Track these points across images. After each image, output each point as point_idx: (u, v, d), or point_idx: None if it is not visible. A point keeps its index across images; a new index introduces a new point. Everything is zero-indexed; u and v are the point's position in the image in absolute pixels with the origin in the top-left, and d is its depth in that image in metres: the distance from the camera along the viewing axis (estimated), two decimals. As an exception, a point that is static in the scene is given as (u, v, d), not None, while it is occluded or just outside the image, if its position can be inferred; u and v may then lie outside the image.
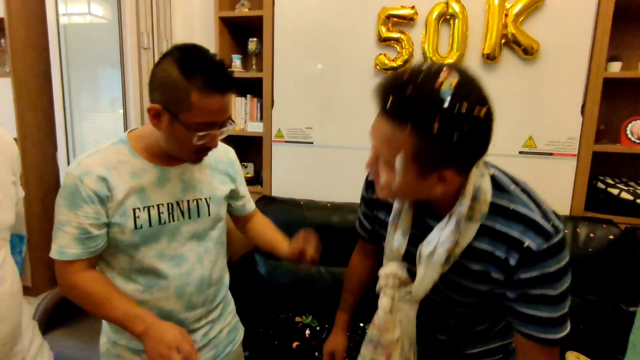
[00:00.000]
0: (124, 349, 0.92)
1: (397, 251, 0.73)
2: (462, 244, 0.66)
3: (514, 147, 1.73)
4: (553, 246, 0.63)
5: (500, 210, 0.65)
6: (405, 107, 0.57)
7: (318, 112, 1.96)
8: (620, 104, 1.78)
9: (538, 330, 0.66)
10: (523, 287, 0.65)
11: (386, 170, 0.62)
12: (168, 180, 0.89)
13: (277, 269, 1.88)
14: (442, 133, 0.55)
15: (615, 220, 1.62)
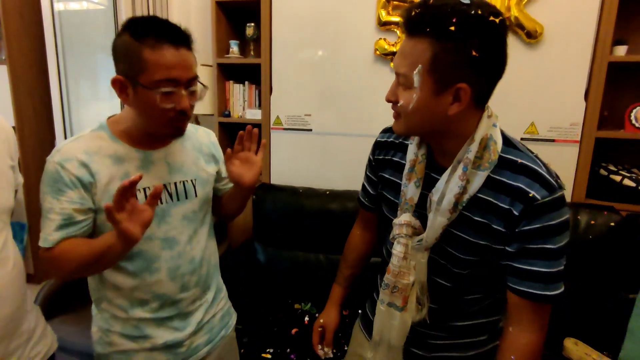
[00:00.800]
0: (117, 335, 0.93)
1: (410, 200, 0.75)
2: (469, 192, 0.67)
3: (516, 133, 1.71)
4: (557, 199, 0.64)
5: (509, 163, 0.67)
6: (424, 17, 0.60)
7: (317, 98, 1.93)
8: (625, 89, 1.74)
9: (534, 287, 0.67)
10: (524, 240, 0.66)
11: (405, 91, 0.65)
12: (152, 164, 0.89)
13: (276, 256, 1.89)
14: (458, 37, 0.58)
15: (617, 207, 1.60)
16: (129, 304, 0.91)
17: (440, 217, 0.70)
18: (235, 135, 2.50)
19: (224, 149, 2.51)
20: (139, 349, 0.93)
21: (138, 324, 0.92)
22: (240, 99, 2.11)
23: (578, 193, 1.68)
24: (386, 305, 0.79)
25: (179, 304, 0.94)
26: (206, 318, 1.02)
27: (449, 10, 0.59)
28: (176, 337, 0.95)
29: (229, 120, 2.11)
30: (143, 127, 0.86)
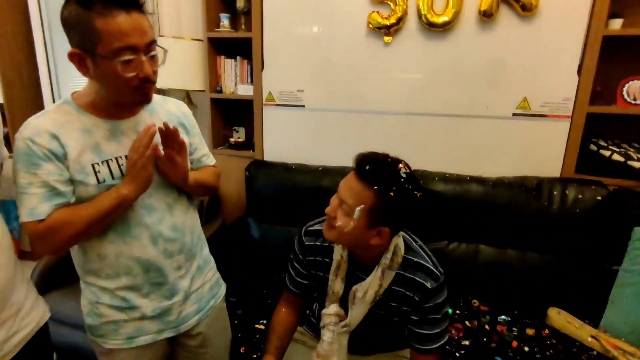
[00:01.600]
0: (105, 307, 0.94)
1: (337, 294, 0.97)
2: (384, 286, 0.93)
3: (508, 108, 1.71)
4: (440, 284, 0.94)
5: (409, 262, 0.94)
6: (374, 176, 0.82)
7: (309, 74, 1.91)
8: (619, 63, 1.73)
9: (428, 344, 0.96)
10: (424, 313, 0.94)
11: (345, 216, 0.86)
12: (122, 134, 0.90)
13: (269, 232, 1.91)
14: (395, 199, 0.82)
15: (605, 182, 1.62)
16: (115, 273, 0.92)
17: (363, 307, 0.94)
18: (228, 112, 2.47)
19: (218, 126, 2.50)
20: (128, 319, 0.95)
21: (125, 295, 0.94)
22: (231, 74, 2.08)
23: (567, 168, 1.69)
24: None
25: (164, 271, 0.96)
26: (194, 287, 1.04)
27: (392, 178, 0.82)
28: (164, 306, 0.97)
29: (221, 96, 2.08)
30: (108, 98, 0.86)
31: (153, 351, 1.01)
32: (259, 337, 1.45)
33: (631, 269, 1.44)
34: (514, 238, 1.65)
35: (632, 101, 1.62)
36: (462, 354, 1.37)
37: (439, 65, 1.74)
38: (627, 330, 1.40)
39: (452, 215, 1.69)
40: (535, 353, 1.38)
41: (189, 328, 1.04)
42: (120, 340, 0.96)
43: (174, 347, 1.09)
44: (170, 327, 1.01)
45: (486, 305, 1.64)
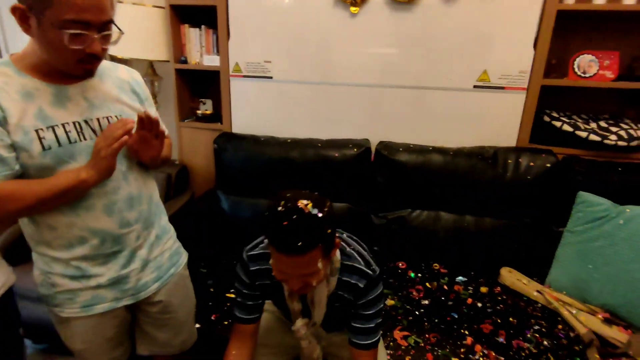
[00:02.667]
0: (59, 276, 0.94)
1: (298, 311, 1.06)
2: (331, 289, 1.01)
3: (469, 81, 1.77)
4: (372, 282, 1.00)
5: (345, 267, 1.01)
6: (310, 239, 0.82)
7: (276, 44, 1.89)
8: (573, 38, 1.82)
9: (363, 338, 1.02)
10: (358, 309, 1.02)
11: (314, 277, 0.88)
12: (68, 99, 0.87)
13: (239, 204, 1.93)
14: (330, 233, 0.87)
15: (556, 150, 1.74)
16: (68, 244, 0.91)
17: (321, 309, 1.04)
18: (194, 83, 2.41)
19: (185, 98, 2.44)
20: (83, 288, 0.95)
21: (80, 264, 0.93)
22: (197, 44, 2.02)
23: (522, 138, 1.79)
24: None
25: (122, 240, 0.96)
26: (152, 255, 1.05)
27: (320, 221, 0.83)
28: (120, 274, 0.98)
29: (186, 67, 2.03)
30: (48, 61, 0.83)
31: (112, 318, 1.02)
32: (229, 305, 1.49)
33: (574, 229, 1.57)
34: (472, 205, 1.75)
35: (582, 74, 1.72)
36: (421, 312, 1.48)
37: (404, 38, 1.77)
38: (567, 285, 1.54)
39: (415, 184, 1.76)
40: (487, 308, 1.50)
41: (149, 295, 1.05)
42: (76, 308, 0.96)
43: (135, 314, 1.11)
44: (129, 294, 1.01)
45: (445, 268, 1.75)
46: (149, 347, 1.15)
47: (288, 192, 0.86)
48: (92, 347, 1.02)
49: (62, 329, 1.01)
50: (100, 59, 0.86)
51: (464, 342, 1.32)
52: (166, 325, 1.13)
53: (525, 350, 1.30)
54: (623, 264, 1.41)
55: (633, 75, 1.76)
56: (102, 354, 1.05)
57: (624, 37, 1.78)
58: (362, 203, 1.86)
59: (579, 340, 1.35)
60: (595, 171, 1.63)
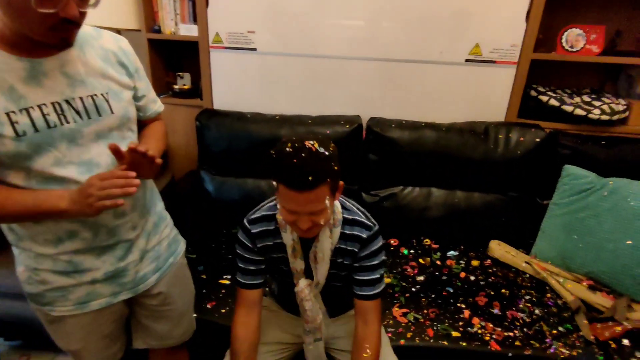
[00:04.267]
0: (47, 272, 0.85)
1: (300, 271, 1.05)
2: (334, 243, 1.02)
3: (461, 54, 1.74)
4: (374, 234, 1.03)
5: (347, 220, 1.03)
6: (320, 175, 0.83)
7: (261, 13, 1.75)
8: (562, 11, 1.82)
9: (371, 289, 1.04)
10: (361, 261, 1.03)
11: (322, 215, 0.89)
12: (44, 75, 0.75)
13: (224, 184, 1.84)
14: (337, 169, 0.88)
15: (543, 125, 1.76)
16: (56, 238, 0.82)
17: (324, 265, 1.03)
18: (170, 55, 2.22)
19: (159, 72, 2.25)
20: (77, 284, 0.87)
21: (71, 259, 0.85)
22: (170, 11, 1.85)
23: (511, 113, 1.80)
24: (313, 342, 1.11)
25: (117, 231, 0.88)
26: (150, 245, 0.98)
27: (328, 158, 0.85)
28: (117, 267, 0.90)
29: (160, 37, 1.86)
30: (16, 30, 0.70)
31: (109, 315, 0.95)
32: (225, 292, 1.44)
33: (560, 202, 1.63)
34: (462, 180, 1.76)
35: (570, 48, 1.73)
36: (417, 288, 1.49)
37: (397, 8, 1.69)
38: (553, 255, 1.61)
39: (407, 161, 1.74)
40: (480, 281, 1.54)
41: (148, 288, 0.98)
42: (69, 306, 0.88)
43: (133, 308, 1.04)
44: (127, 288, 0.94)
45: (437, 243, 1.77)
46: (147, 340, 1.09)
47: (292, 136, 0.89)
48: (88, 346, 0.95)
49: (53, 330, 0.93)
50: (78, 25, 0.74)
51: (461, 316, 1.35)
52: (165, 317, 1.07)
53: (520, 319, 1.35)
54: (606, 233, 1.48)
55: (615, 49, 1.80)
56: (98, 352, 0.97)
57: (608, 10, 1.80)
58: (354, 181, 1.83)
59: (567, 307, 1.42)
60: (581, 145, 1.67)
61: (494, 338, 1.26)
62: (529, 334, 1.29)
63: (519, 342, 1.26)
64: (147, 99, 0.99)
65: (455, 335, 1.28)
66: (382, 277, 1.07)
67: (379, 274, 1.05)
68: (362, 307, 1.04)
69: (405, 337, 1.27)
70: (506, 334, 1.28)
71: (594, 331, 1.29)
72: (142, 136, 0.99)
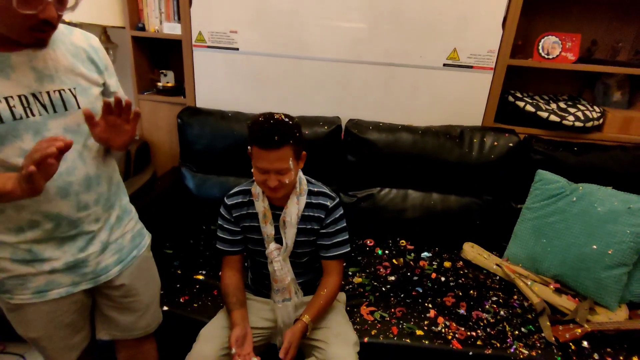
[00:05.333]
0: (7, 261, 0.87)
1: (270, 235, 1.19)
2: (301, 209, 1.18)
3: (439, 59, 1.77)
4: (337, 203, 1.22)
5: (312, 192, 1.21)
6: (285, 136, 1.03)
7: (243, 13, 1.78)
8: (539, 19, 1.85)
9: (336, 250, 1.22)
10: (328, 226, 1.21)
11: (287, 175, 1.07)
12: (11, 69, 0.78)
13: (205, 182, 1.87)
14: (299, 138, 1.09)
15: (518, 130, 1.80)
16: (16, 227, 0.85)
17: (292, 229, 1.18)
18: (153, 53, 2.25)
19: (143, 69, 2.27)
20: (36, 273, 0.89)
21: (31, 248, 0.87)
22: (155, 9, 1.87)
23: (488, 117, 1.83)
24: (282, 302, 1.21)
25: (79, 223, 0.91)
26: (113, 238, 1.00)
27: (291, 126, 1.06)
28: (77, 258, 0.93)
29: (144, 34, 1.88)
30: None
31: (69, 304, 0.97)
32: (198, 287, 1.47)
33: (532, 206, 1.66)
34: (439, 182, 1.79)
35: (546, 55, 1.76)
36: (387, 288, 1.52)
37: (377, 12, 1.72)
38: (524, 258, 1.64)
39: (384, 163, 1.77)
40: (450, 281, 1.57)
41: (110, 279, 1.01)
42: (28, 294, 0.90)
43: (96, 298, 1.06)
44: (88, 278, 0.97)
45: (412, 244, 1.81)
46: (111, 331, 1.11)
47: (265, 113, 1.09)
48: (48, 335, 0.97)
49: (13, 317, 0.95)
50: (54, 27, 0.77)
51: (427, 315, 1.39)
52: (129, 309, 1.09)
53: (484, 320, 1.38)
54: (573, 238, 1.51)
55: (591, 58, 1.83)
56: (59, 341, 1.00)
57: (585, 20, 1.83)
58: (332, 181, 1.85)
59: (532, 309, 1.45)
60: (553, 150, 1.71)
61: (456, 337, 1.30)
62: (492, 334, 1.32)
63: (480, 341, 1.29)
64: (118, 95, 1.02)
65: (419, 333, 1.31)
66: (346, 241, 1.24)
67: (342, 237, 1.23)
68: (327, 265, 1.23)
69: (369, 335, 1.29)
70: (469, 334, 1.31)
71: (555, 332, 1.32)
72: None
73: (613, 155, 1.68)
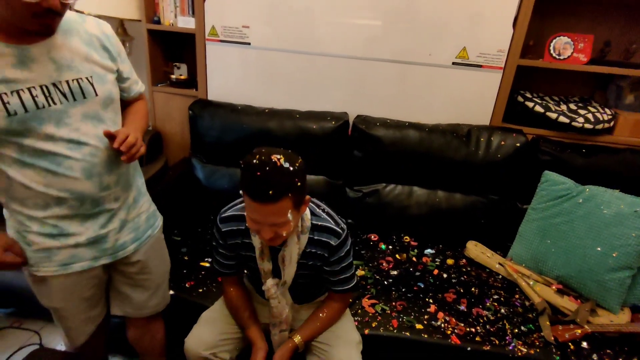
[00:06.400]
0: (35, 234, 0.93)
1: (268, 271, 1.12)
2: (302, 248, 1.08)
3: (449, 57, 1.77)
4: (343, 240, 1.10)
5: (316, 227, 1.09)
6: (283, 188, 0.87)
7: (256, 9, 1.81)
8: (552, 20, 1.84)
9: (343, 285, 1.16)
10: (333, 265, 1.12)
11: (285, 228, 0.94)
12: (32, 60, 0.82)
13: (214, 173, 1.91)
14: (300, 185, 0.92)
15: (526, 130, 1.79)
16: (44, 203, 0.90)
17: (292, 267, 1.09)
18: (168, 46, 2.29)
19: (158, 62, 2.33)
20: (61, 246, 0.95)
21: (57, 223, 0.92)
22: (171, 3, 1.92)
23: (496, 117, 1.83)
24: (279, 333, 1.17)
25: (101, 202, 0.96)
26: (130, 217, 1.06)
27: (292, 173, 0.89)
28: (99, 234, 0.98)
29: (160, 27, 1.93)
30: (4, 18, 0.77)
31: (89, 279, 1.03)
32: (204, 274, 1.51)
33: (537, 207, 1.66)
34: (444, 180, 1.80)
35: (557, 56, 1.75)
36: (389, 282, 1.54)
37: (389, 11, 1.73)
38: (527, 258, 1.64)
39: (391, 159, 1.79)
40: (452, 278, 1.59)
41: (127, 255, 1.06)
42: (53, 267, 0.96)
43: (112, 275, 1.12)
44: (107, 254, 1.02)
45: (416, 240, 1.82)
46: (124, 308, 1.17)
47: (263, 148, 0.92)
48: (69, 306, 1.03)
49: (38, 289, 1.01)
50: (60, 15, 0.81)
51: (427, 310, 1.40)
52: (142, 286, 1.15)
53: (484, 317, 1.39)
54: (577, 239, 1.51)
55: (603, 59, 1.81)
56: (79, 313, 1.06)
57: (599, 21, 1.81)
58: (338, 176, 1.88)
59: (533, 308, 1.45)
60: (560, 152, 1.70)
61: (455, 332, 1.31)
62: (491, 331, 1.33)
63: (479, 337, 1.30)
64: (131, 81, 1.07)
65: (418, 327, 1.33)
66: (354, 275, 1.16)
67: (350, 273, 1.15)
68: (333, 295, 1.19)
69: (370, 327, 1.32)
70: (468, 330, 1.33)
71: (555, 332, 1.33)
72: (126, 115, 1.07)
73: (622, 158, 1.67)
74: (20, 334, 1.69)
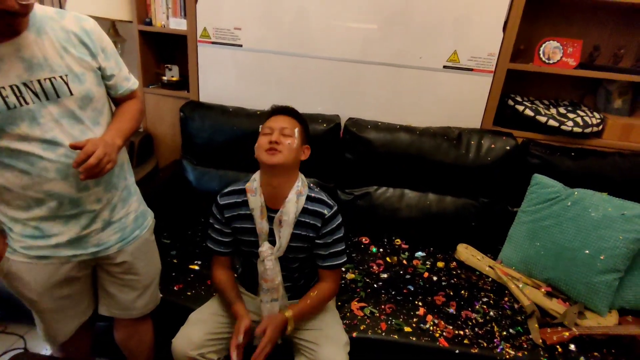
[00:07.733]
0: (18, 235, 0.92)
1: (265, 233, 1.16)
2: (299, 209, 1.15)
3: (440, 61, 1.78)
4: (335, 212, 1.19)
5: (310, 197, 1.18)
6: (296, 114, 1.21)
7: (248, 11, 1.81)
8: (543, 24, 1.85)
9: (333, 260, 1.20)
10: (325, 237, 1.18)
11: (289, 138, 1.12)
12: (1, 61, 0.80)
13: (205, 175, 1.90)
14: (306, 129, 1.23)
15: (517, 134, 1.80)
16: (25, 204, 0.90)
17: (288, 228, 1.14)
18: (160, 47, 2.29)
19: (149, 63, 2.32)
20: (43, 246, 0.94)
21: (39, 224, 0.92)
22: (162, 5, 1.91)
23: (487, 120, 1.84)
24: (270, 301, 1.19)
25: (80, 203, 0.95)
26: (115, 217, 1.04)
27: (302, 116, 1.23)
28: (80, 234, 0.97)
29: (151, 29, 1.92)
30: None
31: (66, 271, 1.00)
32: (193, 277, 1.50)
33: (527, 209, 1.66)
34: (435, 183, 1.81)
35: (547, 60, 1.76)
36: (379, 284, 1.54)
37: (380, 15, 1.74)
38: (517, 261, 1.64)
39: (382, 162, 1.79)
40: (442, 281, 1.59)
41: (109, 254, 1.05)
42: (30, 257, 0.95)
43: (99, 274, 1.11)
44: (88, 252, 1.01)
45: (407, 243, 1.82)
46: (111, 308, 1.15)
47: None
48: (44, 300, 1.00)
49: (10, 282, 0.98)
50: (23, 14, 0.77)
51: (416, 313, 1.40)
52: (129, 287, 1.13)
53: (473, 320, 1.39)
54: (566, 242, 1.52)
55: (592, 63, 1.83)
56: (57, 310, 1.04)
57: (588, 25, 1.83)
58: (330, 178, 1.88)
59: (522, 311, 1.46)
60: (550, 155, 1.71)
61: (444, 335, 1.31)
62: (479, 334, 1.33)
63: (467, 340, 1.30)
64: (118, 78, 1.02)
65: (407, 330, 1.32)
66: (344, 251, 1.22)
67: (340, 247, 1.21)
68: (323, 273, 1.22)
69: (358, 330, 1.31)
70: (457, 332, 1.33)
71: (543, 335, 1.33)
72: (115, 115, 1.04)
73: (611, 162, 1.68)
74: (4, 338, 1.67)
